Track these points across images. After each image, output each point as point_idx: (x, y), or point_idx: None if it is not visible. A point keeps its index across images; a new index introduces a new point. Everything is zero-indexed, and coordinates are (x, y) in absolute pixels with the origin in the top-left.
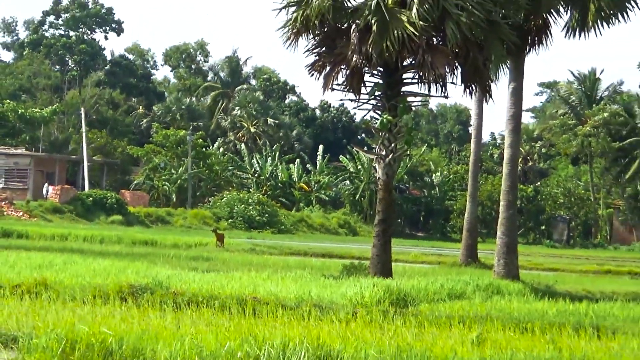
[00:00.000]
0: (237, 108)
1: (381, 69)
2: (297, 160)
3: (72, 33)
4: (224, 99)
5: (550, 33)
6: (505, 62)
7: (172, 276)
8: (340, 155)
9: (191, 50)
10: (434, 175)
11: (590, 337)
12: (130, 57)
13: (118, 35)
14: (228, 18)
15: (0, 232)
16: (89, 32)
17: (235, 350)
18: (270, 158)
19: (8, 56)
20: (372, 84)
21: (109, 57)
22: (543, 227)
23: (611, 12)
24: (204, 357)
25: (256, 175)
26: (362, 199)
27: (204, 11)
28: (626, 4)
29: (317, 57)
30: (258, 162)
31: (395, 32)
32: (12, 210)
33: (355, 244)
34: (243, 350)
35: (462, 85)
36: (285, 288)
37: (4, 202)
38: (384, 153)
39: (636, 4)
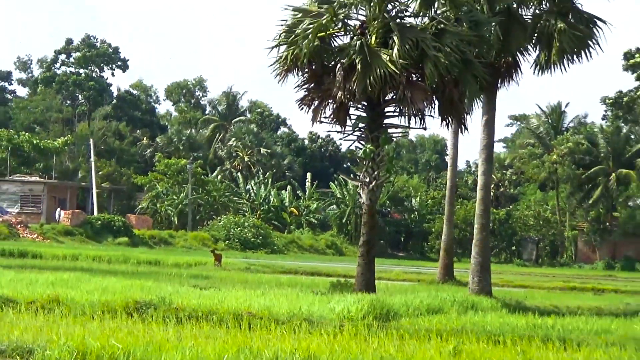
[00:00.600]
0: (233, 139)
1: (365, 103)
2: (288, 186)
3: (82, 71)
4: (221, 130)
5: (520, 70)
6: (478, 96)
7: (174, 293)
8: (330, 182)
9: (190, 86)
10: (413, 200)
11: (557, 349)
12: (135, 92)
13: (123, 72)
14: (225, 56)
15: (17, 253)
16: (98, 70)
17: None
18: (263, 185)
19: (23, 91)
20: (356, 117)
21: (115, 93)
22: (514, 248)
23: (574, 51)
24: None
25: (251, 200)
26: (348, 222)
27: (202, 50)
28: (587, 43)
29: (306, 93)
30: (252, 189)
31: (378, 70)
32: (27, 233)
33: (342, 263)
34: None
35: (439, 117)
36: (278, 304)
37: (19, 225)
38: (367, 180)
39: (597, 43)
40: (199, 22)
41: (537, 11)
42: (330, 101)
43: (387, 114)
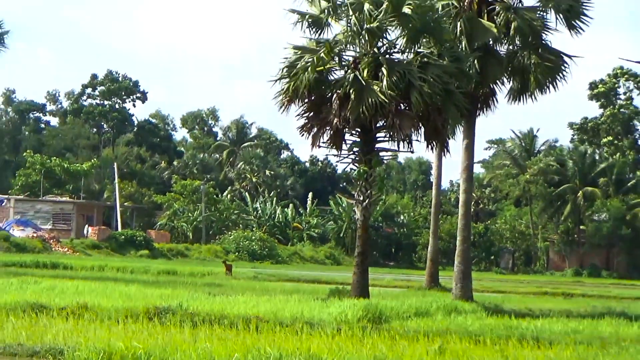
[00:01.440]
0: (242, 162)
1: (358, 130)
2: (291, 204)
3: (106, 102)
4: (231, 155)
5: (496, 99)
6: (459, 123)
7: (190, 299)
8: (328, 200)
9: (204, 115)
10: (402, 216)
11: (531, 347)
12: (154, 121)
13: (143, 102)
14: (235, 89)
15: (49, 265)
16: (120, 101)
17: (240, 359)
18: (269, 203)
19: (54, 121)
20: (351, 142)
21: (136, 122)
22: (492, 257)
23: (544, 82)
24: None
25: (258, 216)
26: (345, 235)
27: (215, 83)
28: (556, 76)
29: (306, 121)
30: (259, 207)
31: (370, 100)
32: (59, 247)
33: (339, 272)
34: (248, 359)
35: (425, 142)
36: (282, 308)
37: (52, 240)
38: (361, 198)
39: (564, 77)
40: (212, 58)
41: (511, 47)
42: (327, 128)
43: (378, 139)
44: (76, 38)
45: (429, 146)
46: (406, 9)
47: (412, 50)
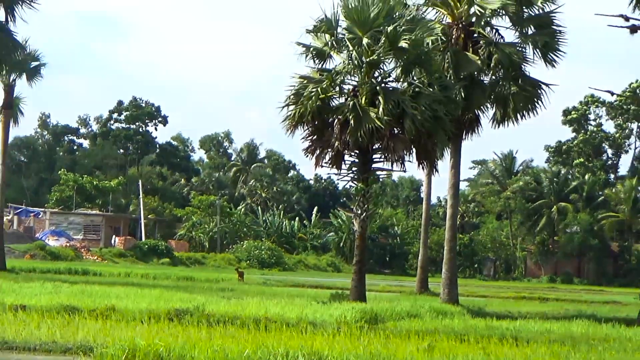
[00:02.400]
0: (253, 180)
1: (357, 151)
2: (297, 217)
3: (131, 126)
4: (244, 173)
5: (480, 124)
6: (447, 146)
7: (206, 302)
8: (330, 214)
9: (220, 138)
10: (396, 228)
11: (510, 345)
12: (175, 143)
13: (164, 126)
14: (247, 114)
15: (81, 271)
16: (143, 125)
17: (252, 356)
18: (277, 216)
19: (85, 143)
20: (350, 162)
21: (158, 144)
22: (476, 265)
23: (523, 109)
24: None
25: (267, 228)
26: (344, 245)
27: (229, 109)
28: (534, 103)
29: (310, 143)
30: (268, 219)
31: (367, 125)
32: (89, 255)
33: (339, 278)
34: (257, 355)
35: (416, 162)
36: (289, 310)
37: (83, 249)
38: (359, 212)
39: (542, 104)
40: (227, 86)
41: (493, 78)
42: (329, 150)
43: (374, 160)
44: (104, 69)
45: (420, 166)
46: (402, 44)
47: (405, 80)
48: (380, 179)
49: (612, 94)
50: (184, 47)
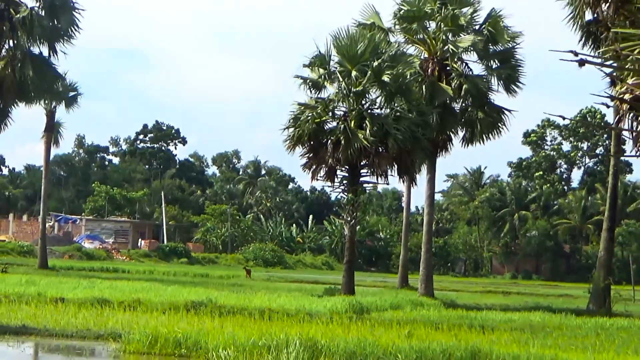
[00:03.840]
0: (258, 192)
1: (347, 167)
2: (295, 224)
3: (155, 145)
4: (251, 186)
5: (452, 144)
6: (424, 162)
7: (218, 296)
8: (324, 221)
9: (229, 155)
10: (381, 232)
11: (478, 332)
12: (192, 160)
13: (183, 145)
14: (253, 135)
15: (111, 269)
16: (165, 145)
17: (257, 341)
18: (279, 222)
19: (115, 160)
20: (341, 176)
21: (178, 160)
22: (449, 264)
23: (489, 131)
24: (237, 346)
25: (270, 233)
26: (336, 247)
27: (238, 130)
28: (497, 126)
29: (307, 160)
30: (271, 225)
31: (356, 144)
32: (119, 256)
33: (332, 275)
34: (261, 341)
35: (398, 176)
36: (289, 302)
37: (113, 251)
38: (349, 219)
39: (505, 127)
40: (237, 111)
41: (463, 105)
42: (323, 166)
43: (362, 174)
44: (131, 96)
45: (401, 179)
46: (385, 77)
47: (388, 107)
48: (367, 191)
49: (564, 118)
50: (199, 77)
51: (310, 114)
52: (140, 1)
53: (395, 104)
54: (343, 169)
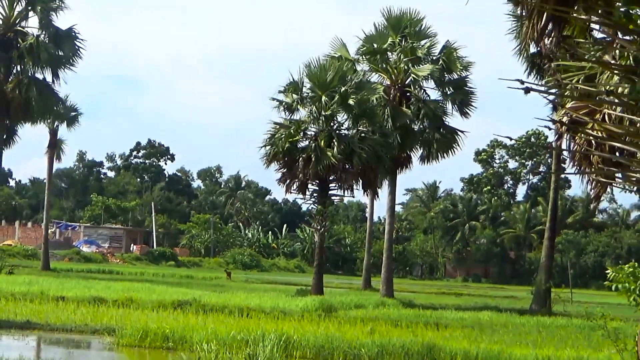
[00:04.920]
0: (238, 202)
1: (317, 181)
2: (270, 232)
3: (147, 161)
4: (231, 198)
5: (411, 162)
6: (386, 178)
7: (202, 295)
8: (297, 229)
9: (212, 171)
10: (347, 240)
11: (433, 329)
12: (179, 174)
13: (172, 162)
14: (233, 152)
15: (107, 271)
16: (156, 160)
17: (236, 336)
18: (256, 230)
19: (111, 174)
20: (312, 190)
21: (167, 174)
22: (407, 268)
23: (444, 150)
24: (219, 340)
25: (248, 239)
26: (307, 252)
27: (221, 147)
28: (452, 146)
29: (281, 175)
30: (249, 233)
31: (325, 161)
32: (113, 259)
33: (303, 277)
34: (240, 336)
35: (362, 190)
36: (265, 302)
37: (109, 254)
38: (318, 227)
39: (458, 146)
40: (220, 130)
41: (422, 126)
42: (296, 180)
43: (330, 188)
44: (126, 117)
45: (365, 193)
46: (350, 101)
47: (354, 128)
48: (335, 203)
49: (511, 139)
50: (187, 100)
51: (284, 134)
52: (135, 34)
53: (360, 126)
54: (313, 183)
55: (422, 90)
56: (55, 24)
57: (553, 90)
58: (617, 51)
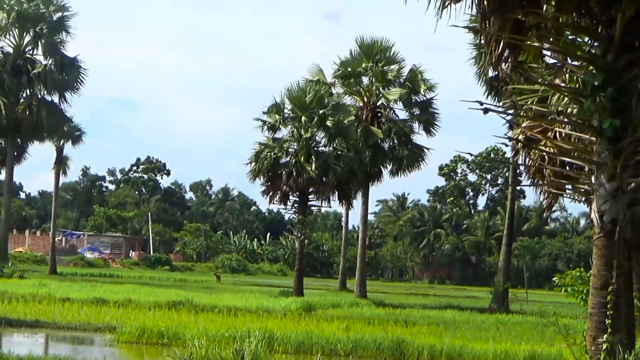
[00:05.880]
0: (227, 212)
1: (297, 193)
2: (256, 239)
3: (145, 175)
4: (220, 208)
5: (382, 175)
6: (359, 190)
7: (194, 296)
8: (280, 236)
9: (203, 184)
10: (324, 246)
11: (402, 326)
12: (174, 187)
13: (168, 176)
14: (224, 166)
15: (108, 275)
16: (153, 174)
17: (224, 333)
18: (243, 238)
19: (112, 187)
20: (293, 201)
21: (163, 187)
22: (379, 271)
23: (411, 165)
24: (209, 337)
25: (236, 246)
26: (289, 258)
27: (212, 163)
28: (419, 162)
29: (265, 188)
30: (237, 240)
31: (304, 175)
32: (114, 264)
33: (285, 280)
34: (228, 333)
35: (338, 201)
36: (251, 302)
37: (110, 260)
38: (299, 235)
39: (424, 161)
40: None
41: (391, 144)
42: (279, 192)
43: (309, 199)
44: (126, 135)
45: (341, 204)
46: (327, 122)
47: (331, 146)
48: (314, 213)
49: (472, 155)
50: (180, 120)
51: (268, 152)
52: (132, 60)
53: (336, 144)
54: (294, 195)
55: (392, 111)
56: (61, 51)
57: (510, 111)
58: (566, 75)
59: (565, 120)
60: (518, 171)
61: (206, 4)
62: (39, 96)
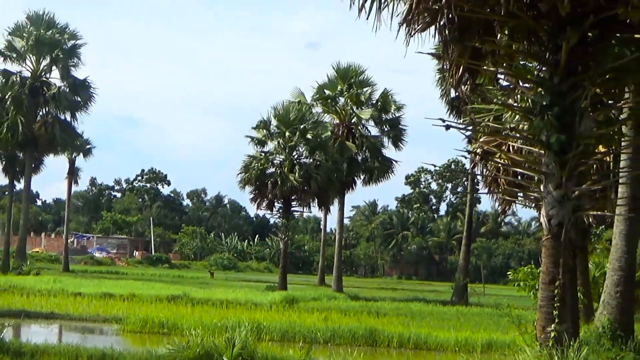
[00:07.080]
0: (219, 217)
1: (282, 200)
2: (245, 240)
3: (148, 185)
4: (214, 213)
5: (356, 184)
6: (336, 197)
7: (191, 291)
8: (266, 238)
9: (199, 192)
10: (305, 246)
11: (374, 317)
12: (173, 195)
13: (168, 186)
14: (216, 176)
15: (114, 272)
16: (155, 184)
17: (218, 323)
18: (234, 239)
19: (118, 195)
20: (278, 207)
21: (163, 195)
22: (354, 268)
23: (381, 176)
24: (204, 327)
25: (228, 246)
26: (275, 257)
27: (206, 173)
28: (388, 173)
29: (253, 195)
30: (229, 241)
31: (288, 184)
32: (120, 263)
33: (271, 276)
34: (221, 323)
35: (318, 207)
36: (240, 295)
37: (116, 259)
38: (283, 237)
39: (393, 172)
40: (206, 160)
41: (364, 157)
42: (265, 199)
43: (292, 205)
44: (130, 148)
45: (320, 209)
46: (308, 136)
47: (311, 157)
48: (296, 217)
49: (435, 166)
50: (179, 134)
51: (256, 164)
52: (136, 82)
53: (316, 156)
54: (279, 201)
55: (365, 128)
56: (73, 75)
57: (469, 127)
58: (518, 96)
59: (518, 135)
60: (476, 180)
61: (203, 35)
62: (54, 114)
